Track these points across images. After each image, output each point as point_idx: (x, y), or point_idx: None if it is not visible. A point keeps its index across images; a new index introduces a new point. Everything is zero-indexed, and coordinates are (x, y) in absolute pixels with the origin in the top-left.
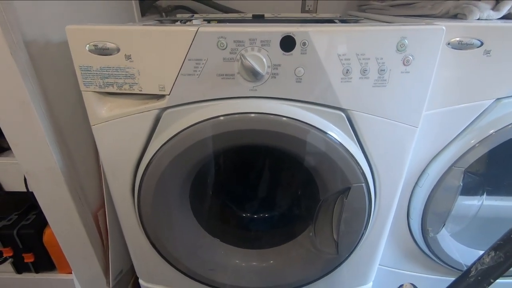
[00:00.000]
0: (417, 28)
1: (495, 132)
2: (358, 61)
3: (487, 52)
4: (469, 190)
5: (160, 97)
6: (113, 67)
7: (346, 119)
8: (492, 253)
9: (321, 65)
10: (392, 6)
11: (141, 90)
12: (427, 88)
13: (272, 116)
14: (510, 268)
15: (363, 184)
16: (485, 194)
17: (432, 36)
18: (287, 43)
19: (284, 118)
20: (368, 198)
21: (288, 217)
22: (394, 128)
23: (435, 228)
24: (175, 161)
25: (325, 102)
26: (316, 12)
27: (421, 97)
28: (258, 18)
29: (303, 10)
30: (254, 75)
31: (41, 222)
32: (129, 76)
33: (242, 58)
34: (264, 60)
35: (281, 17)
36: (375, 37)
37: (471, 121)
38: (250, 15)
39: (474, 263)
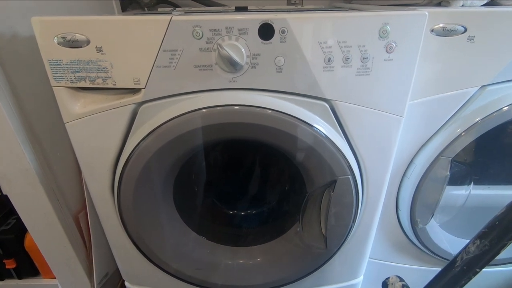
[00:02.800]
0: (400, 14)
1: (480, 120)
2: (340, 49)
3: (471, 39)
4: (456, 179)
5: (135, 91)
6: (84, 60)
7: (330, 110)
8: (477, 242)
9: (302, 53)
10: None
11: (115, 84)
12: (411, 75)
13: (257, 108)
14: (495, 256)
15: (349, 176)
16: (472, 183)
17: (415, 22)
18: (266, 31)
19: (269, 111)
20: (355, 190)
21: (275, 213)
22: (379, 118)
23: (424, 219)
24: (154, 157)
25: (308, 93)
26: (301, 5)
27: (406, 85)
28: (241, 11)
29: (288, 3)
30: (232, 65)
31: (22, 227)
32: (102, 70)
33: (219, 47)
34: (243, 49)
35: (265, 10)
36: (356, 23)
37: (456, 109)
38: (232, 7)
39: (459, 253)
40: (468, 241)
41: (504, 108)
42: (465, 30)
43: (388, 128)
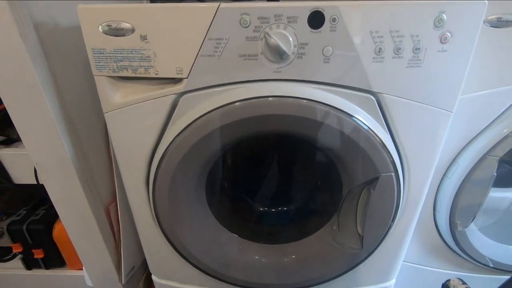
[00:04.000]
0: (458, 2)
1: None
2: (392, 39)
3: None
4: (501, 181)
5: (177, 81)
6: (127, 49)
7: (376, 103)
8: None
9: (352, 43)
10: None
11: (157, 74)
12: (465, 68)
13: (291, 99)
14: None
15: (392, 174)
16: None
17: (473, 11)
18: (316, 19)
19: (305, 101)
20: (397, 189)
21: (308, 210)
22: (428, 113)
23: (464, 221)
24: (193, 150)
25: (355, 85)
26: None
27: (458, 79)
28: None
29: None
30: (279, 55)
31: (51, 217)
32: (145, 59)
33: (267, 36)
34: (291, 38)
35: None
36: (411, 11)
37: (507, 106)
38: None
39: None
40: (508, 246)
41: None
42: None
43: (436, 124)
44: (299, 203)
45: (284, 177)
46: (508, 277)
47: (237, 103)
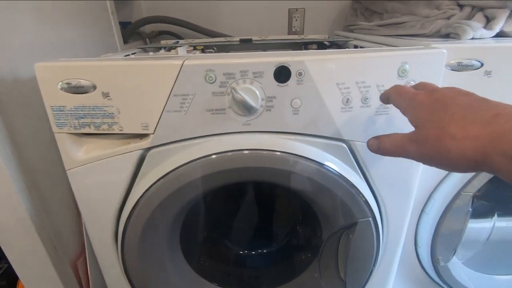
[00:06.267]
0: (418, 53)
1: None
2: (359, 89)
3: (488, 73)
4: (479, 213)
5: (143, 136)
6: (89, 106)
7: (348, 151)
8: None
9: (319, 95)
10: (380, 26)
11: (121, 130)
12: None
13: (265, 152)
14: None
15: (370, 219)
16: (495, 215)
17: (434, 60)
18: (282, 74)
19: (278, 153)
20: (376, 233)
21: (289, 254)
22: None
23: (446, 256)
24: (162, 205)
25: (325, 134)
26: (303, 33)
27: None
28: (246, 42)
29: (289, 32)
30: (247, 109)
31: (14, 272)
32: (108, 115)
33: (233, 91)
34: (257, 92)
35: (269, 40)
36: (375, 63)
37: None
38: (237, 39)
39: None
40: (492, 276)
41: None
42: (482, 64)
43: (409, 166)
44: (279, 248)
45: (264, 222)
46: None
47: (213, 156)
